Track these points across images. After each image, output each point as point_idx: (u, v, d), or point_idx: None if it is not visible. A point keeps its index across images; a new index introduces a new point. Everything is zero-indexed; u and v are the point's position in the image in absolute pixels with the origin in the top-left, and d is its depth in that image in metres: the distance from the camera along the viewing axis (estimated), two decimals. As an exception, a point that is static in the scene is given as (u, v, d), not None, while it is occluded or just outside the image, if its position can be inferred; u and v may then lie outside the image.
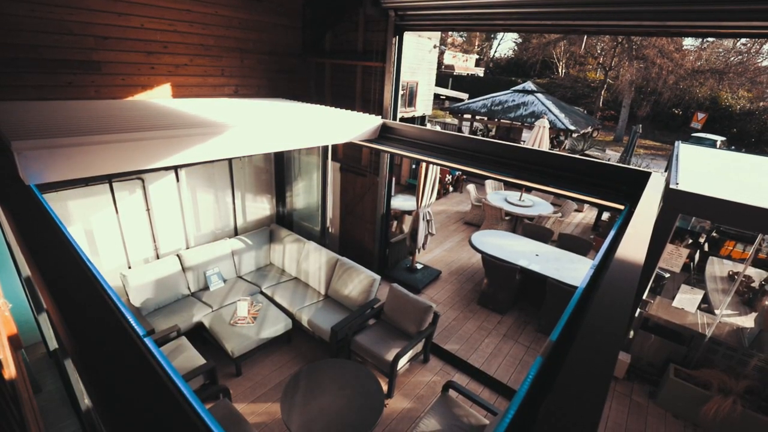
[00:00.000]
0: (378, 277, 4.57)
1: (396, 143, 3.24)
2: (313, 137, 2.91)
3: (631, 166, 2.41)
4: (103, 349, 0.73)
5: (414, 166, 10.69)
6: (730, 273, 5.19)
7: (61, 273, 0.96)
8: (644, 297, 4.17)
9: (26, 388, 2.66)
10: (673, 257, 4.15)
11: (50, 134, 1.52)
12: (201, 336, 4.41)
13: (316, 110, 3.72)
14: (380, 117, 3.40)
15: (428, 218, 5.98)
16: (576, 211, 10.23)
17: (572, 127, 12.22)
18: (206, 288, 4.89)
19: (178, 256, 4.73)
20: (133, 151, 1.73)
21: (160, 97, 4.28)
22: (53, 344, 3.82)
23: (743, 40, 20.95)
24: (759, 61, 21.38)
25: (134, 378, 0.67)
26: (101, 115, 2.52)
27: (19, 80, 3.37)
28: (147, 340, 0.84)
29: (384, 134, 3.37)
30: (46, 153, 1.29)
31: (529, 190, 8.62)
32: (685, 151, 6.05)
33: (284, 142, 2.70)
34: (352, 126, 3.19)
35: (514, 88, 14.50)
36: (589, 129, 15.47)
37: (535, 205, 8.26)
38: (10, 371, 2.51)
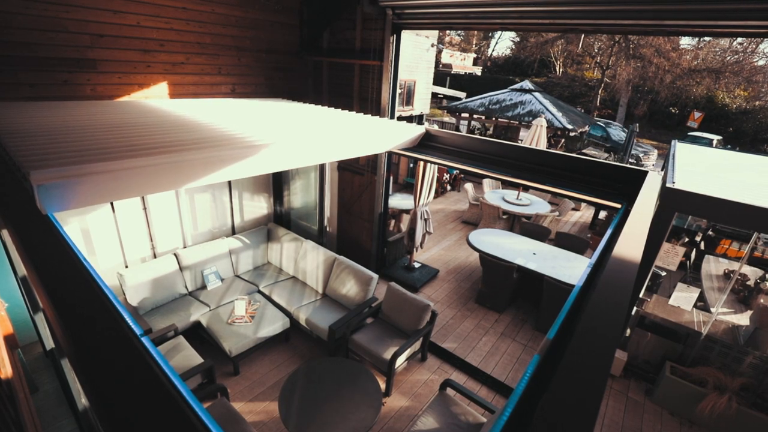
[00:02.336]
0: (376, 276, 4.57)
1: (437, 152, 3.03)
2: (355, 148, 2.63)
3: (628, 165, 2.42)
4: (100, 348, 0.73)
5: (411, 165, 10.68)
6: (726, 271, 5.22)
7: (57, 272, 0.96)
8: (641, 295, 4.19)
9: (23, 388, 2.65)
10: (670, 255, 4.18)
11: (68, 156, 1.41)
12: (198, 335, 4.41)
13: (351, 118, 3.49)
14: (423, 126, 3.17)
15: (426, 217, 5.98)
16: (573, 209, 10.26)
17: (569, 126, 12.25)
18: (204, 287, 4.87)
19: (175, 255, 4.71)
20: (161, 175, 1.55)
21: (157, 95, 4.25)
22: (50, 344, 3.80)
23: (739, 40, 21.04)
24: (755, 60, 21.49)
25: (131, 377, 0.67)
26: (114, 124, 2.43)
27: (14, 78, 3.35)
28: (144, 340, 0.84)
29: (425, 142, 3.17)
30: (68, 184, 1.12)
31: (526, 188, 8.64)
32: (681, 150, 6.08)
33: (327, 154, 2.42)
34: (394, 135, 2.96)
35: (511, 87, 14.52)
36: (587, 128, 15.51)
37: (533, 203, 8.28)
38: (7, 371, 2.50)
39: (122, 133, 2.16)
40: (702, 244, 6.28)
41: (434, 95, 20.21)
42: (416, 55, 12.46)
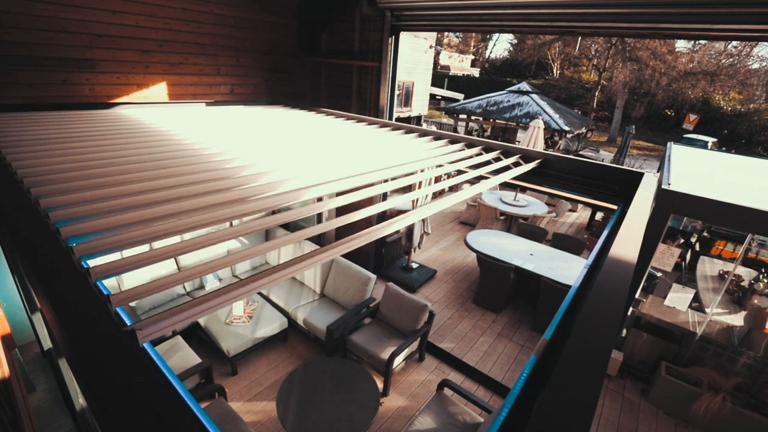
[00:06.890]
0: (373, 276, 4.58)
1: (551, 179, 2.69)
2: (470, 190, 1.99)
3: (624, 167, 2.44)
4: (98, 348, 0.73)
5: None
6: (721, 272, 5.25)
7: (55, 272, 0.96)
8: (637, 296, 4.22)
9: (20, 388, 2.64)
10: (665, 256, 4.20)
11: (128, 232, 1.17)
12: (196, 335, 4.40)
13: (446, 152, 2.88)
14: (536, 162, 2.66)
15: (424, 217, 6.00)
16: (570, 210, 10.30)
17: (566, 128, 12.31)
18: (202, 287, 4.86)
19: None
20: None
21: (155, 95, 4.24)
22: (47, 343, 3.79)
23: (734, 43, 21.19)
24: (749, 63, 21.66)
25: (129, 377, 0.67)
26: (146, 156, 1.90)
27: (11, 77, 3.33)
28: (144, 340, 0.84)
29: (538, 170, 2.76)
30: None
31: (523, 189, 8.67)
32: (677, 152, 6.13)
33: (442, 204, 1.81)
34: (513, 170, 2.45)
35: (509, 89, 14.57)
36: (583, 129, 15.59)
37: (530, 204, 8.31)
38: (4, 371, 2.49)
39: (171, 180, 1.64)
40: (697, 245, 6.31)
41: (432, 96, 20.24)
42: (414, 57, 12.49)
